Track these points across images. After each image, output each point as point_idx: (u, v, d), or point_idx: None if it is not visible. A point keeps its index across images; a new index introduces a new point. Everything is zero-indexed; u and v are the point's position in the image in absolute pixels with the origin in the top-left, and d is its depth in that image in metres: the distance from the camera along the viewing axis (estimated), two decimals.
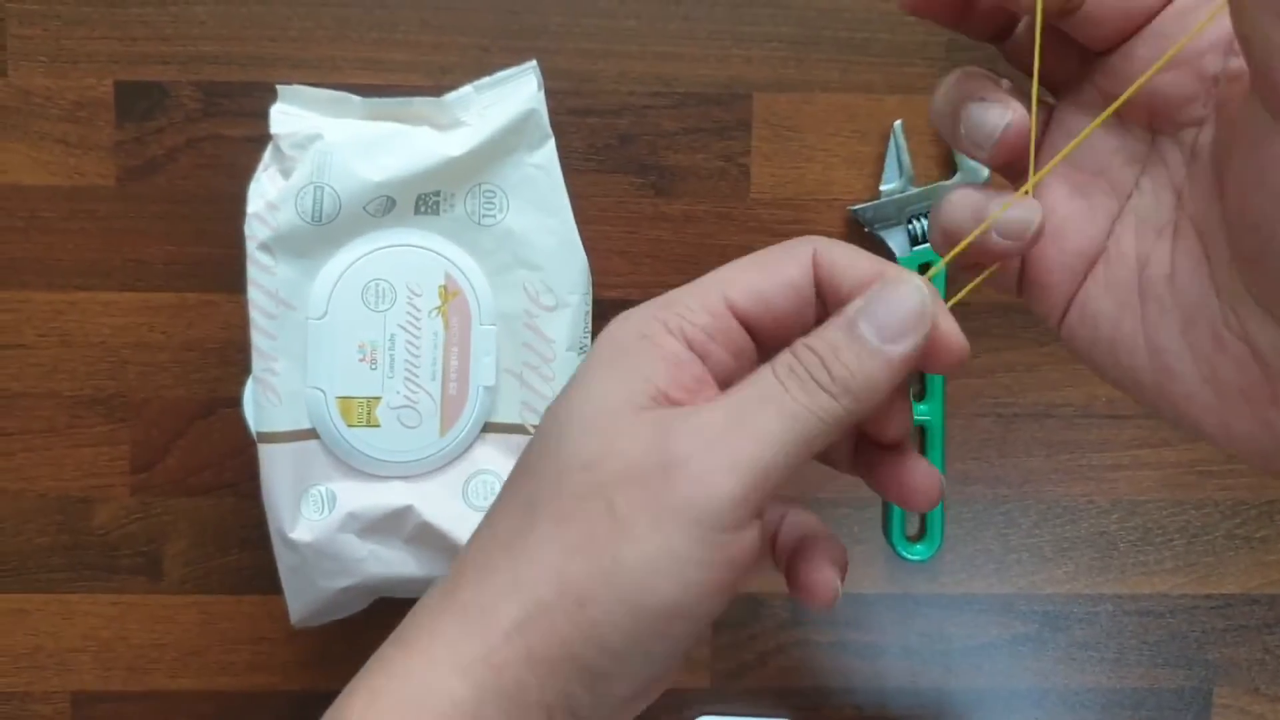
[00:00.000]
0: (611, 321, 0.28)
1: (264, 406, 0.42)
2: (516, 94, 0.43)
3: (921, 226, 0.48)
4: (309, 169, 0.41)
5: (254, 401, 0.43)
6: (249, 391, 0.43)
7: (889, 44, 0.48)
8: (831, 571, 0.29)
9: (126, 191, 0.47)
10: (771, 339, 0.28)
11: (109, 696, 0.49)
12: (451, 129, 0.43)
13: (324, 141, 0.41)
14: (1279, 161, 0.21)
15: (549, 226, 0.43)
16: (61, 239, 0.47)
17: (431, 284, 0.43)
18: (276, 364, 0.42)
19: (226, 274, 0.47)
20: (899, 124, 0.48)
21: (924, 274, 0.50)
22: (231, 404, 0.47)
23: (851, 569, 0.50)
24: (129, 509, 0.48)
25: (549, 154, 0.43)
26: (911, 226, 0.48)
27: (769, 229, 0.48)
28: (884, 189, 0.48)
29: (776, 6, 0.48)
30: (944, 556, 0.50)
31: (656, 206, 0.48)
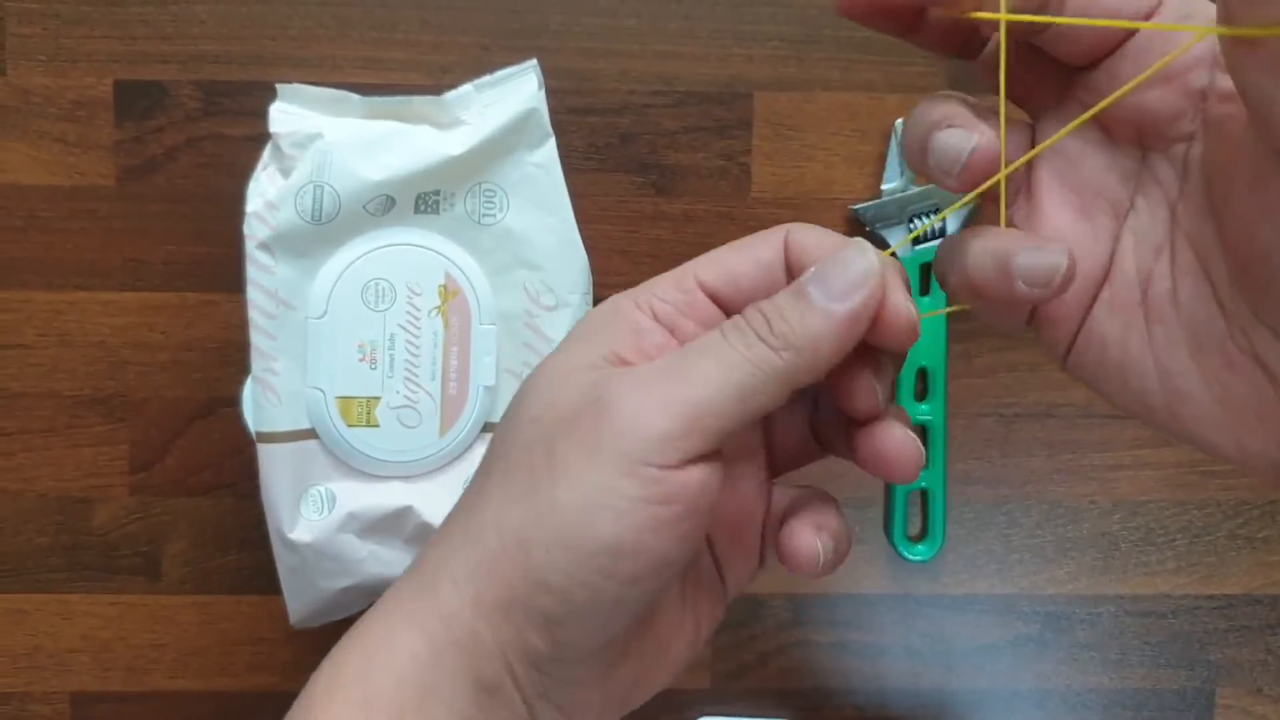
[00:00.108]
0: None
1: (263, 406, 0.42)
2: (517, 93, 0.43)
3: (925, 226, 0.48)
4: (309, 168, 0.41)
5: (253, 401, 0.42)
6: (248, 391, 0.43)
7: (890, 43, 0.47)
8: (812, 535, 0.28)
9: (126, 191, 0.47)
10: None
11: (108, 697, 0.49)
12: (452, 128, 0.43)
13: (324, 140, 0.41)
14: None
15: (549, 226, 0.43)
16: (61, 239, 0.47)
17: (431, 283, 0.43)
18: (276, 364, 0.42)
19: (226, 274, 0.47)
20: (900, 122, 0.48)
21: (926, 278, 0.49)
22: (231, 404, 0.47)
23: (852, 569, 0.50)
24: (128, 509, 0.48)
25: (549, 153, 0.43)
26: (912, 225, 0.48)
27: (770, 228, 0.48)
28: (885, 188, 0.48)
29: (777, 5, 0.47)
30: (945, 557, 0.50)
31: (657, 206, 0.48)
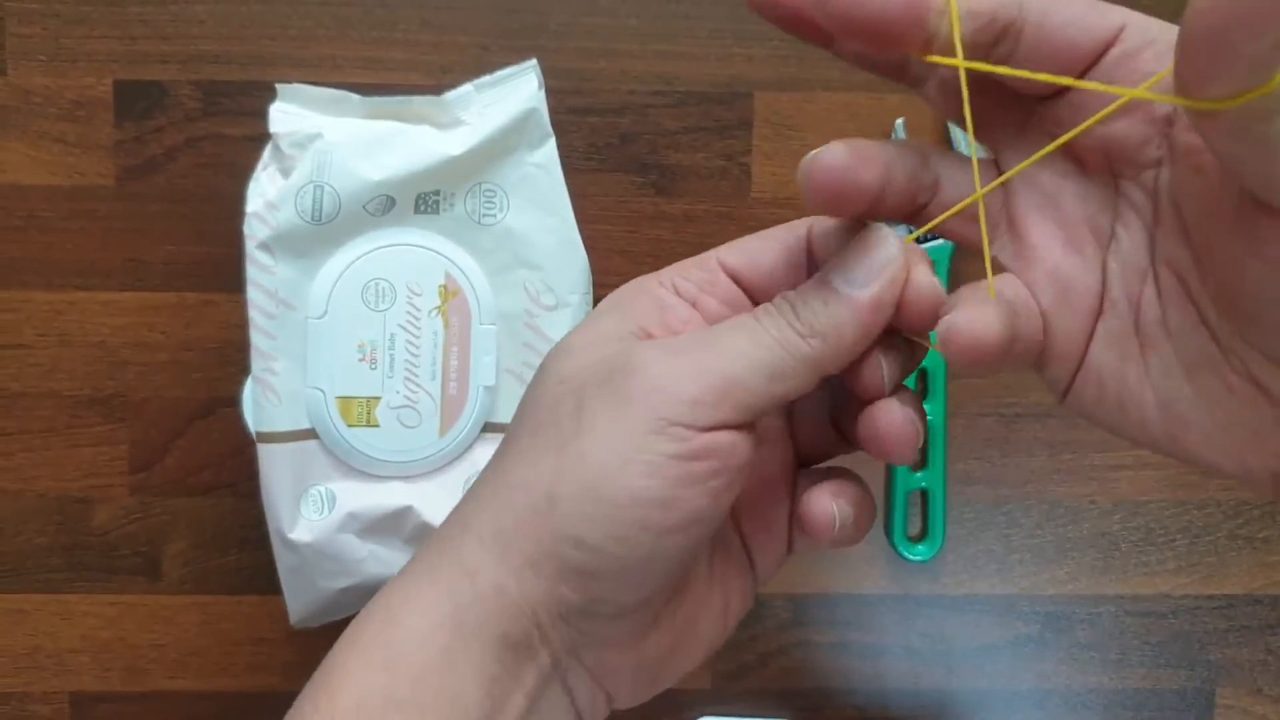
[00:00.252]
0: None
1: (263, 406, 0.42)
2: (517, 93, 0.43)
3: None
4: (309, 168, 0.41)
5: (253, 401, 0.42)
6: (248, 391, 0.43)
7: None
8: (829, 500, 0.28)
9: (126, 191, 0.47)
10: (764, 297, 0.29)
11: (108, 697, 0.49)
12: (452, 128, 0.43)
13: (324, 140, 0.41)
14: (1271, 240, 0.21)
15: (549, 226, 0.43)
16: (61, 238, 0.47)
17: (431, 283, 0.43)
18: (276, 364, 0.42)
19: (226, 274, 0.47)
20: (900, 122, 0.48)
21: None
22: (231, 404, 0.47)
23: (853, 569, 0.50)
24: (128, 509, 0.48)
25: (549, 153, 0.43)
26: (912, 225, 0.48)
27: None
28: None
29: None
30: (946, 557, 0.50)
31: (657, 206, 0.48)
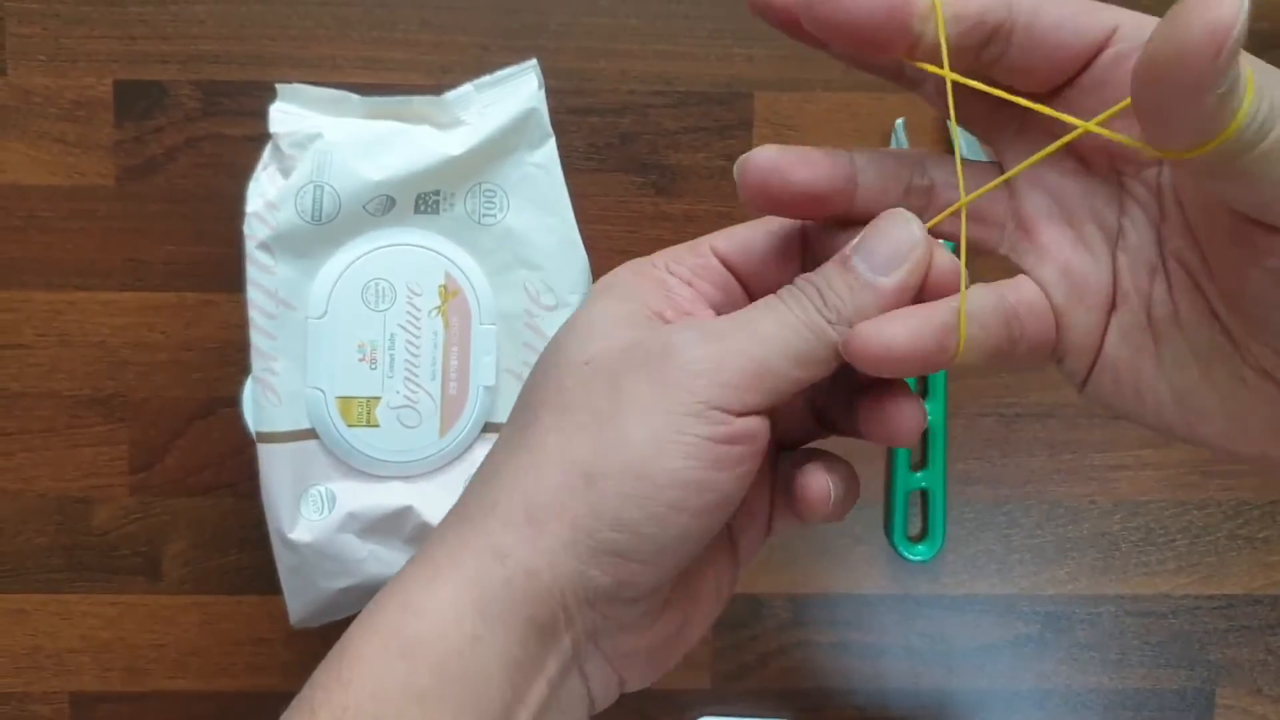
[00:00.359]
0: None
1: (263, 406, 0.42)
2: (517, 93, 0.43)
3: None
4: (309, 168, 0.41)
5: (253, 401, 0.42)
6: (248, 391, 0.43)
7: None
8: (824, 475, 0.28)
9: (126, 191, 0.47)
10: (757, 283, 0.29)
11: (108, 697, 0.49)
12: (451, 128, 0.43)
13: (324, 140, 0.41)
14: (1268, 252, 0.21)
15: (549, 226, 0.43)
16: (61, 238, 0.47)
17: (431, 283, 0.43)
18: (276, 364, 0.42)
19: (226, 274, 0.47)
20: (901, 122, 0.48)
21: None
22: (231, 404, 0.47)
23: (853, 569, 0.50)
24: (128, 509, 0.48)
25: (549, 153, 0.43)
26: None
27: None
28: None
29: None
30: (946, 557, 0.50)
31: (657, 206, 0.48)
